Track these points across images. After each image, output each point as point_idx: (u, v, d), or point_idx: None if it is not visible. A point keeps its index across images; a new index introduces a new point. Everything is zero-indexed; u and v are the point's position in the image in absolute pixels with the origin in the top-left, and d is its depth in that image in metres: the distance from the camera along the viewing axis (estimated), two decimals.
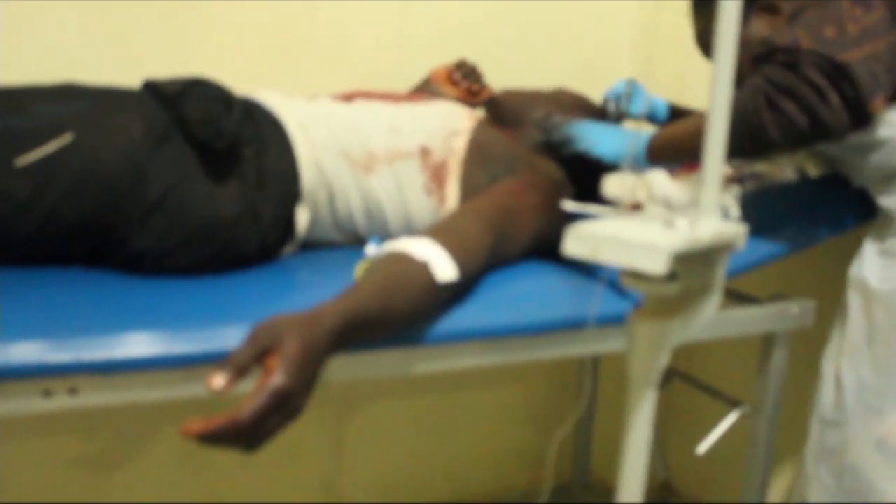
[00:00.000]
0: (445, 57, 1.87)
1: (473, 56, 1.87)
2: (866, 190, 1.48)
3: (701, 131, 0.97)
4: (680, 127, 1.49)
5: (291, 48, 1.90)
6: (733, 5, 0.91)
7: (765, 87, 1.29)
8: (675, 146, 1.46)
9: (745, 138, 1.29)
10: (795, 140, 1.30)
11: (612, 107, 1.78)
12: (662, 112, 1.85)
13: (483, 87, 1.83)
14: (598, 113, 1.77)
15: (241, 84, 1.44)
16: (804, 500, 1.51)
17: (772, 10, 1.47)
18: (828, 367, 1.49)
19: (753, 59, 1.36)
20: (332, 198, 1.44)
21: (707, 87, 0.96)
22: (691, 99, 1.90)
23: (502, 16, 2.10)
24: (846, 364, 1.45)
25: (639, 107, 1.78)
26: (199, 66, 1.48)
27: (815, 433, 1.50)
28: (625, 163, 1.50)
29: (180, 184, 1.27)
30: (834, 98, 1.25)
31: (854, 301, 1.45)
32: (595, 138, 1.55)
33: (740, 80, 1.14)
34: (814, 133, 1.28)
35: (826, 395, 1.48)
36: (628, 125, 1.86)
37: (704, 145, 0.96)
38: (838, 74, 1.25)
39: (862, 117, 1.29)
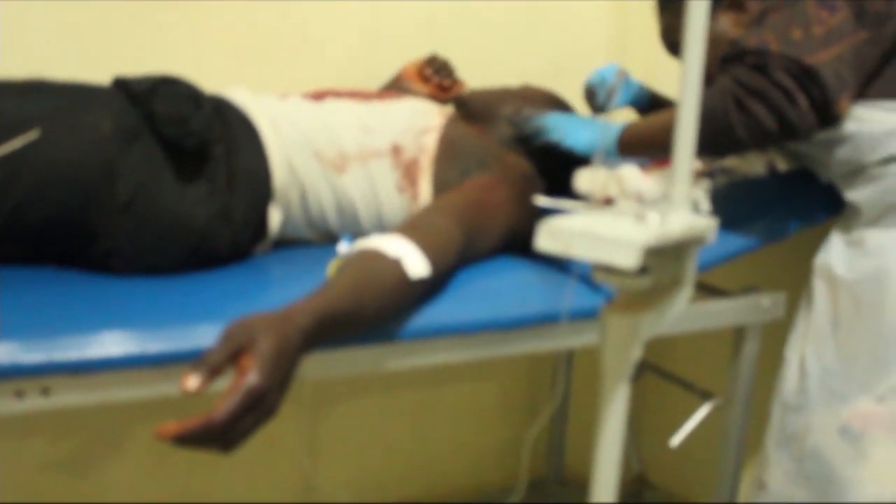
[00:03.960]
0: (417, 53, 1.87)
1: (445, 52, 1.87)
2: (834, 184, 1.50)
3: (672, 126, 0.98)
4: (651, 120, 1.51)
5: (262, 45, 1.89)
6: (702, 3, 0.92)
7: (734, 88, 1.31)
8: (646, 139, 1.48)
9: (714, 137, 1.32)
10: (763, 140, 1.34)
11: (597, 97, 1.79)
12: (645, 100, 1.86)
13: (455, 81, 1.83)
14: (566, 108, 1.78)
15: (211, 81, 1.43)
16: (763, 483, 1.53)
17: (738, 7, 1.49)
18: (791, 353, 1.51)
19: (721, 60, 1.38)
20: (304, 197, 1.44)
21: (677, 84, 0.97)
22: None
23: (473, 12, 2.10)
24: (810, 350, 1.47)
25: (623, 99, 1.80)
26: (169, 64, 1.47)
27: (777, 418, 1.52)
28: (596, 154, 1.51)
29: (150, 183, 1.26)
30: (802, 100, 1.29)
31: (819, 289, 1.47)
32: (566, 130, 1.57)
33: (707, 77, 1.16)
34: (781, 134, 1.31)
35: (789, 381, 1.50)
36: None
37: (674, 140, 0.97)
38: (806, 77, 1.28)
39: (828, 118, 1.32)
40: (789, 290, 1.56)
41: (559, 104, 1.78)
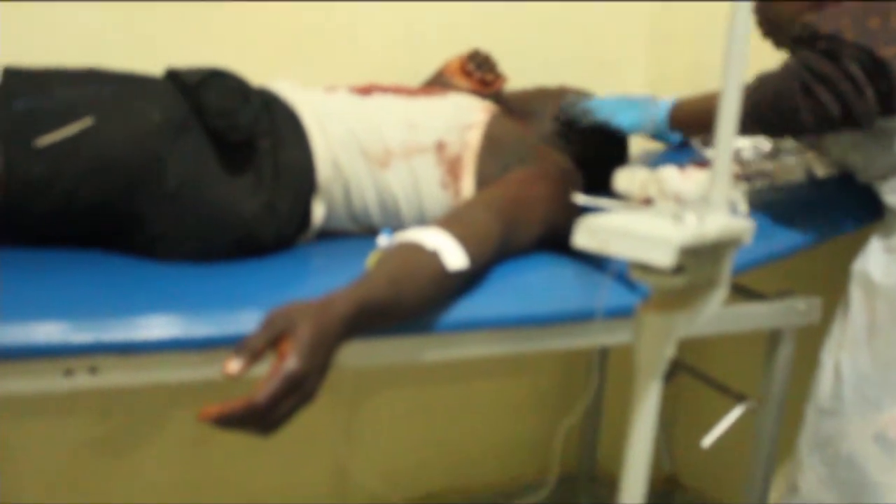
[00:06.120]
0: (458, 48, 1.88)
1: (486, 48, 1.88)
2: (873, 189, 1.49)
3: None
4: (706, 98, 1.51)
5: (307, 40, 1.91)
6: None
7: (803, 72, 1.30)
8: (700, 118, 1.49)
9: (778, 119, 1.32)
10: (825, 127, 1.33)
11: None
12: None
13: (497, 76, 1.84)
14: None
15: (257, 74, 1.46)
16: (795, 486, 1.53)
17: None
18: (827, 357, 1.50)
19: (792, 41, 1.37)
20: (347, 191, 1.46)
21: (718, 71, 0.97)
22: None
23: (516, 8, 2.11)
24: (846, 356, 1.46)
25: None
26: (217, 57, 1.50)
27: (811, 422, 1.51)
28: (644, 131, 1.52)
29: (197, 174, 1.29)
30: (869, 93, 1.27)
31: (856, 295, 1.47)
32: (612, 109, 1.60)
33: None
34: (844, 123, 1.31)
35: (824, 385, 1.49)
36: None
37: (717, 135, 0.97)
38: (877, 70, 1.27)
39: (892, 110, 1.31)
40: (825, 295, 1.56)
41: None
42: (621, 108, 1.60)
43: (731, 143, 0.97)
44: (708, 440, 1.61)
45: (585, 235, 0.92)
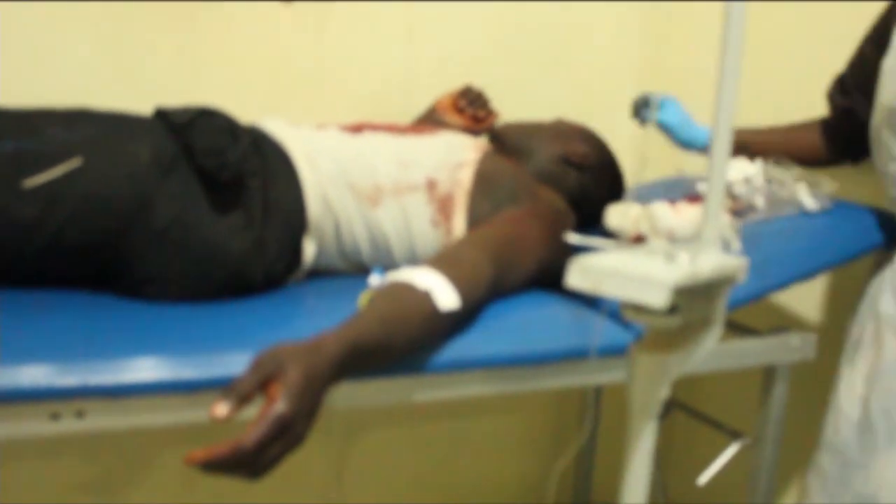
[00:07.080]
0: (451, 86, 1.89)
1: (479, 85, 1.88)
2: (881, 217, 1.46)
3: None
4: None
5: (298, 78, 1.92)
6: (740, 10, 0.91)
7: None
8: None
9: None
10: None
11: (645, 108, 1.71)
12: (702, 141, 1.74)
13: (489, 112, 1.84)
14: (599, 142, 1.77)
15: (249, 112, 1.46)
16: None
17: None
18: (847, 402, 1.44)
19: None
20: (338, 229, 1.45)
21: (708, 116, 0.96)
22: None
23: (507, 48, 2.12)
24: (876, 400, 1.39)
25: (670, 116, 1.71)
26: (208, 94, 1.50)
27: (835, 471, 1.43)
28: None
29: (186, 213, 1.28)
30: None
31: (888, 334, 1.41)
32: None
33: None
34: None
35: (846, 432, 1.42)
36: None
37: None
38: None
39: None
40: (820, 330, 1.55)
41: (592, 139, 1.78)
42: None
43: (724, 180, 0.97)
44: (704, 478, 1.60)
45: (578, 276, 0.92)
